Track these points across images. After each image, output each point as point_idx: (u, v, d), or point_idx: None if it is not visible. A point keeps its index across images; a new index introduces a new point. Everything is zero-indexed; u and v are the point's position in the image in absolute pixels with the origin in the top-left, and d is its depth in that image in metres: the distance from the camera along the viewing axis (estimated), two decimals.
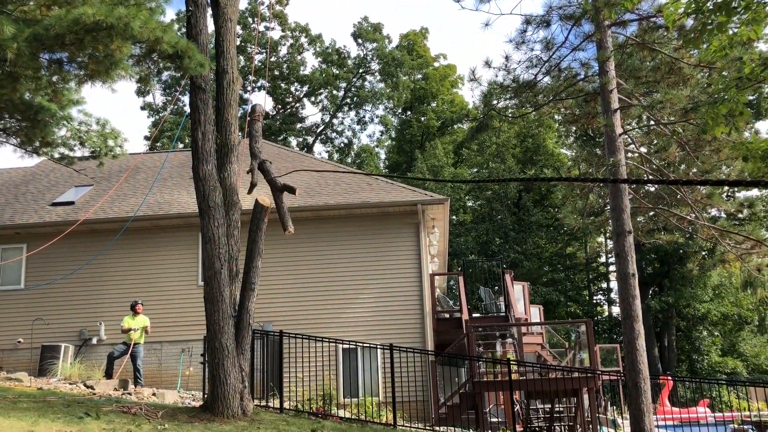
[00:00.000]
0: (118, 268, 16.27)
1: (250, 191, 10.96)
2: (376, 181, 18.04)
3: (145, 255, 16.35)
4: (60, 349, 14.68)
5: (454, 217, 39.91)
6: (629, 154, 13.00)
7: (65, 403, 9.48)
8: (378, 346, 13.21)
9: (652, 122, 13.48)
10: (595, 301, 44.28)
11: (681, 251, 35.92)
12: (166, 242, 16.44)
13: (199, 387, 14.05)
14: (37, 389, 11.29)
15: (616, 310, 43.52)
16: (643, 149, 14.20)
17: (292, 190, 10.64)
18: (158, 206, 16.85)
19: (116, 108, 69.09)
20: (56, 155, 15.35)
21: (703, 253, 35.43)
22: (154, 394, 12.38)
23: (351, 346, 14.59)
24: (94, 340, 15.72)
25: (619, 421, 15.45)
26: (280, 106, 46.00)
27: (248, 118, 11.48)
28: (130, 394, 12.06)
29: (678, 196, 13.44)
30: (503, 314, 18.23)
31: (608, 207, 12.10)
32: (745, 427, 13.93)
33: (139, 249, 16.39)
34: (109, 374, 13.62)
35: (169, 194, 17.75)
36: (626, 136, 12.93)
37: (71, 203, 17.57)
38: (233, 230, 10.55)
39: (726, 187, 25.17)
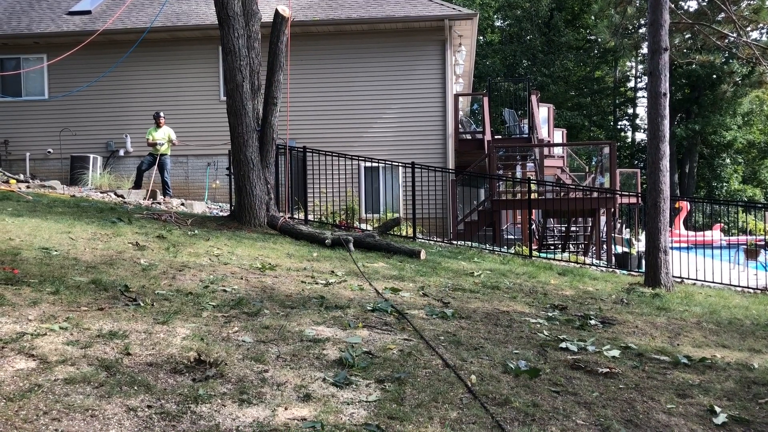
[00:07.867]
0: (140, 81, 16.17)
1: None
2: None
3: (166, 68, 16.17)
4: (89, 159, 15.02)
5: (481, 37, 38.44)
6: None
7: (98, 209, 9.86)
8: (399, 164, 13.34)
9: None
10: (619, 127, 43.82)
11: (714, 75, 34.78)
12: (187, 55, 16.16)
13: (226, 200, 14.52)
14: (71, 196, 11.70)
15: (639, 136, 43.17)
16: None
17: None
18: (176, 17, 16.34)
19: None
20: None
21: (737, 79, 34.30)
22: (182, 204, 12.82)
23: (373, 165, 14.78)
24: (122, 152, 16.02)
25: (634, 241, 15.87)
26: None
27: None
28: (159, 203, 12.50)
29: (721, 15, 12.69)
30: (526, 136, 18.14)
31: (645, 23, 11.47)
32: (758, 248, 14.25)
33: (161, 62, 16.18)
34: (138, 184, 14.04)
35: (187, 5, 17.15)
36: None
37: (88, 12, 17.08)
38: (254, 42, 10.31)
39: None
